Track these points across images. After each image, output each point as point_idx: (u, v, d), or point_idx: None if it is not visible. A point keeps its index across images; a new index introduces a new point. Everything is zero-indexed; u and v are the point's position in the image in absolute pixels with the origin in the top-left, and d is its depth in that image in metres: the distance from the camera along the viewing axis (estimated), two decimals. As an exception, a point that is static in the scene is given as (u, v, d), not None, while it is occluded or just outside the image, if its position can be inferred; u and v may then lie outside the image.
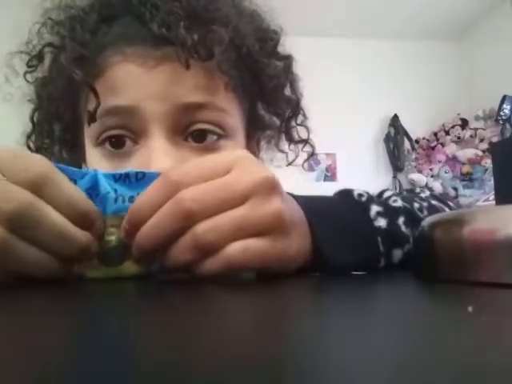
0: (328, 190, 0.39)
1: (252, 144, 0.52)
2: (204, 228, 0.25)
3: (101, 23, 0.41)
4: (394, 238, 0.33)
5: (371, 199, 0.35)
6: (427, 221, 0.29)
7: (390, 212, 0.34)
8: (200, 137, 0.41)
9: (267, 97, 0.49)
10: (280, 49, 0.48)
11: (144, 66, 0.39)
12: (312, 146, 0.55)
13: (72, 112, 0.46)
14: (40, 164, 0.25)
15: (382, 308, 0.17)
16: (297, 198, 0.32)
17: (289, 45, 0.51)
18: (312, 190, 0.39)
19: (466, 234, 0.24)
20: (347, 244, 0.31)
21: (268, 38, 0.47)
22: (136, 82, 0.39)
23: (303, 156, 0.56)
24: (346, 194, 0.36)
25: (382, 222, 0.33)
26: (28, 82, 0.46)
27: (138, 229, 0.26)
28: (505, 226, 0.22)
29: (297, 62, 0.50)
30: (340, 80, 2.68)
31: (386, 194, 0.37)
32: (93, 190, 0.28)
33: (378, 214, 0.34)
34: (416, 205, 0.37)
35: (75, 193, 0.26)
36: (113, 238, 0.28)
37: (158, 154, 0.38)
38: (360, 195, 0.35)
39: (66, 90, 0.44)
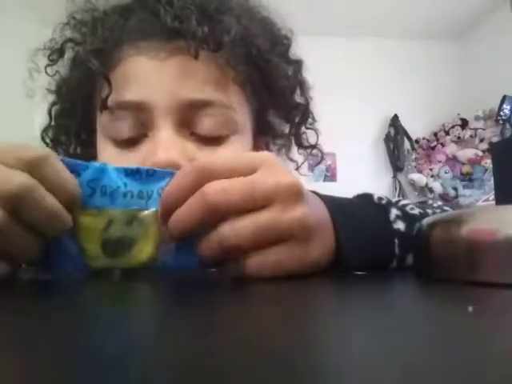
0: (328, 190, 0.39)
1: (260, 146, 0.52)
2: (228, 231, 0.25)
3: (119, 18, 0.44)
4: (410, 242, 0.33)
5: (391, 203, 0.36)
6: (427, 221, 0.29)
7: (407, 217, 0.35)
8: (206, 138, 0.42)
9: (277, 98, 0.50)
10: (291, 53, 0.50)
11: (156, 58, 0.41)
12: (321, 151, 0.56)
13: (87, 108, 0.48)
14: (34, 149, 0.26)
15: (381, 308, 0.17)
16: (321, 196, 0.32)
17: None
18: (312, 190, 0.39)
19: (466, 234, 0.24)
20: (365, 244, 0.31)
21: (279, 42, 0.49)
22: (147, 76, 0.41)
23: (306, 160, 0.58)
24: (366, 196, 0.37)
25: (400, 225, 0.34)
26: (48, 75, 0.49)
27: (170, 213, 0.26)
28: (505, 226, 0.22)
29: (306, 66, 0.52)
30: (340, 80, 2.68)
31: (402, 203, 0.38)
32: (96, 183, 0.28)
33: (398, 217, 0.34)
34: (429, 211, 0.38)
35: (67, 176, 0.27)
36: (116, 231, 0.28)
37: (163, 144, 0.39)
38: (380, 198, 0.36)
39: (82, 84, 0.46)
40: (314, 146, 0.55)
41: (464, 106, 2.64)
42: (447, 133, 2.61)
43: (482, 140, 2.49)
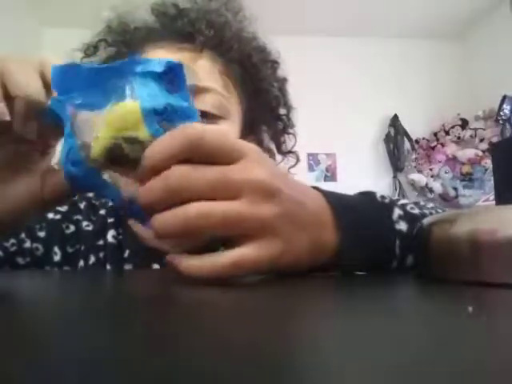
0: (328, 190, 0.39)
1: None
2: (196, 211, 0.25)
3: (144, 29, 0.55)
4: (410, 242, 0.33)
5: (394, 202, 0.36)
6: (427, 220, 0.29)
7: (409, 218, 0.35)
8: (202, 115, 0.48)
9: (263, 103, 0.57)
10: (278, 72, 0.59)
11: (169, 51, 0.50)
12: (297, 156, 0.64)
13: None
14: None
15: (381, 308, 0.17)
16: (326, 193, 0.32)
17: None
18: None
19: (466, 234, 0.24)
20: (366, 245, 0.31)
21: (268, 60, 0.58)
22: None
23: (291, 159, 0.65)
24: (369, 194, 0.37)
25: (402, 226, 0.34)
26: None
27: (150, 171, 0.25)
28: (505, 226, 0.22)
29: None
30: (340, 80, 2.68)
31: (401, 202, 0.38)
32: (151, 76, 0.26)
33: (400, 217, 0.34)
34: (426, 211, 0.38)
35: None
36: (128, 148, 0.26)
37: None
38: (383, 197, 0.36)
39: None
40: (290, 152, 0.63)
41: (464, 106, 2.64)
42: (447, 133, 2.61)
43: (481, 140, 2.49)
